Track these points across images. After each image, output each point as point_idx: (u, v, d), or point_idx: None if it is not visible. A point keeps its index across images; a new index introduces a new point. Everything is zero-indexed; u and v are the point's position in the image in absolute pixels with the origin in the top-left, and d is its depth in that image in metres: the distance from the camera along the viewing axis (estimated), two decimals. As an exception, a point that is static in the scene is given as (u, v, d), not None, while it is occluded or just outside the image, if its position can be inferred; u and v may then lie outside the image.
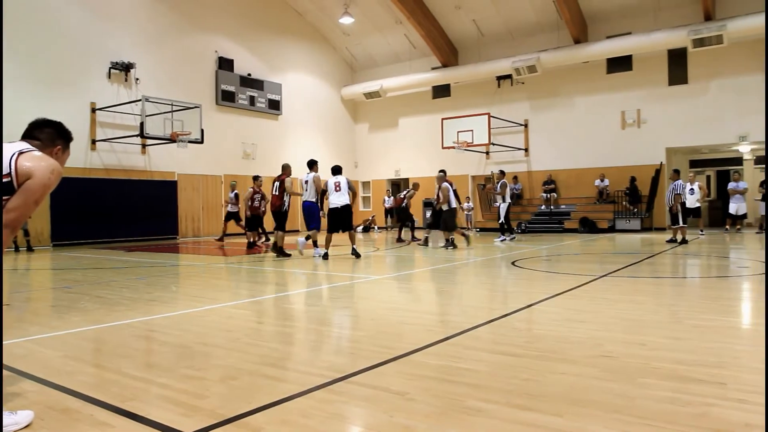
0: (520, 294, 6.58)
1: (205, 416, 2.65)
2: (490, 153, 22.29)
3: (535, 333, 4.46)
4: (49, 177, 2.55)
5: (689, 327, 4.45)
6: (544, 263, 9.62)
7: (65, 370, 3.48)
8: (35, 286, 8.01)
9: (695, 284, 7.32)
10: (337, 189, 10.76)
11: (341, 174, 11.10)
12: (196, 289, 7.40)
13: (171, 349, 4.05)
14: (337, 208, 10.73)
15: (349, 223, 10.91)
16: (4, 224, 2.44)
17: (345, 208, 10.73)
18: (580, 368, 3.33)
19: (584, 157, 20.40)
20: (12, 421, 2.53)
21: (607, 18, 19.89)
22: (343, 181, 10.86)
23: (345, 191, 10.76)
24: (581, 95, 20.57)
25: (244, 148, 21.02)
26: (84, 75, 16.45)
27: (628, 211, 18.62)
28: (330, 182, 10.90)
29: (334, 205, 10.75)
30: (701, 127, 18.20)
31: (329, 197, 10.88)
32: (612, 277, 7.51)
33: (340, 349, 4.00)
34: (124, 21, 17.50)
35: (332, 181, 10.88)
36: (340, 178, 10.89)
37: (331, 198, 10.81)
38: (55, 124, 2.89)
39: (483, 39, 22.31)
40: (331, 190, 10.83)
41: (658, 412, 2.60)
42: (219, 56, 20.25)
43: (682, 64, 18.70)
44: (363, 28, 23.48)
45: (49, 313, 5.73)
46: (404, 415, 2.63)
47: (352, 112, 26.37)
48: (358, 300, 6.33)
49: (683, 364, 3.38)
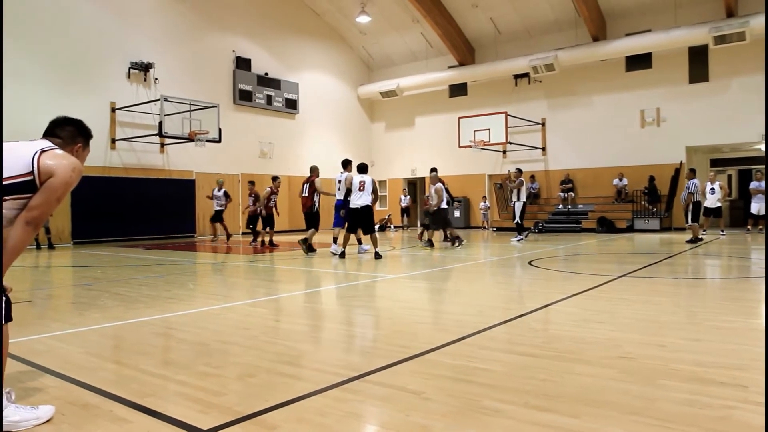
0: (536, 294, 6.54)
1: (222, 413, 2.67)
2: (507, 152, 22.18)
3: (552, 333, 4.43)
4: (71, 175, 2.58)
5: (709, 328, 4.38)
6: (561, 263, 9.55)
7: (85, 366, 3.53)
8: (56, 283, 8.13)
9: (715, 285, 7.21)
10: (361, 189, 10.60)
11: (367, 173, 10.92)
12: (214, 287, 7.46)
13: (189, 346, 4.09)
14: (357, 209, 10.59)
15: (369, 225, 10.75)
16: (26, 221, 2.48)
17: (365, 208, 10.57)
18: (597, 369, 3.30)
19: (602, 156, 20.21)
20: (33, 415, 2.57)
21: (626, 15, 19.67)
22: (368, 181, 10.68)
23: (368, 191, 10.58)
24: (599, 94, 20.37)
25: (261, 147, 21.13)
26: (104, 75, 16.66)
27: (647, 211, 18.41)
28: (355, 180, 10.72)
29: (354, 205, 10.62)
30: (722, 126, 17.94)
31: (351, 196, 10.76)
32: (630, 277, 7.43)
33: (356, 348, 4.01)
34: (143, 21, 17.69)
35: (357, 180, 10.70)
36: (365, 177, 10.71)
37: (353, 197, 10.68)
38: (76, 122, 2.92)
39: (500, 37, 22.20)
40: (355, 189, 10.65)
41: (677, 414, 2.57)
42: (236, 56, 20.38)
43: (703, 62, 18.43)
44: (380, 27, 23.48)
45: (70, 309, 5.81)
46: (420, 415, 2.62)
47: (369, 111, 26.39)
48: (374, 299, 6.34)
49: (703, 365, 3.33)
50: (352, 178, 10.90)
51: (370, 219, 10.69)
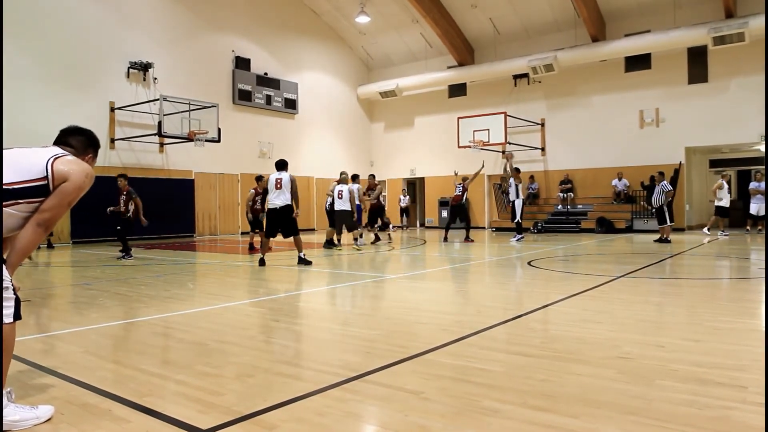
0: (535, 294, 6.54)
1: (221, 413, 2.67)
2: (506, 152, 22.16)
3: (551, 333, 4.43)
4: (84, 180, 2.69)
5: (708, 329, 4.39)
6: (560, 263, 9.56)
7: (84, 366, 3.53)
8: (56, 282, 8.13)
9: (715, 286, 7.21)
10: (278, 187, 9.51)
11: (285, 170, 9.76)
12: (213, 286, 7.46)
13: (188, 346, 4.09)
14: (276, 209, 9.51)
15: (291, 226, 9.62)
16: (37, 223, 2.57)
17: (284, 209, 9.48)
18: (596, 369, 3.30)
19: (602, 156, 20.22)
20: (33, 415, 2.58)
21: (625, 16, 19.68)
22: (285, 179, 9.54)
23: (287, 190, 9.49)
24: (599, 94, 20.38)
25: (261, 147, 21.13)
26: (103, 75, 16.65)
27: (646, 211, 18.42)
28: (271, 178, 9.67)
29: (273, 206, 9.56)
30: (722, 127, 17.95)
31: (268, 196, 9.83)
32: (629, 277, 7.44)
33: (355, 348, 4.01)
34: (142, 21, 17.68)
35: (273, 178, 9.63)
36: (282, 175, 9.58)
37: (270, 197, 9.70)
38: (87, 133, 3.03)
39: (499, 37, 22.20)
40: (272, 188, 9.61)
41: (675, 414, 2.58)
42: (236, 56, 20.37)
43: (702, 63, 18.44)
44: (379, 27, 23.48)
45: (69, 309, 5.81)
46: (419, 415, 2.63)
47: (368, 111, 26.39)
48: (373, 299, 6.34)
49: (702, 366, 3.33)
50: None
51: (291, 220, 9.55)
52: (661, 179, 14.24)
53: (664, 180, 14.27)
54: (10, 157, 2.65)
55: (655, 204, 14.31)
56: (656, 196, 14.19)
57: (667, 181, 14.40)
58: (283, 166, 9.80)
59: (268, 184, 9.76)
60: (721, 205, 16.00)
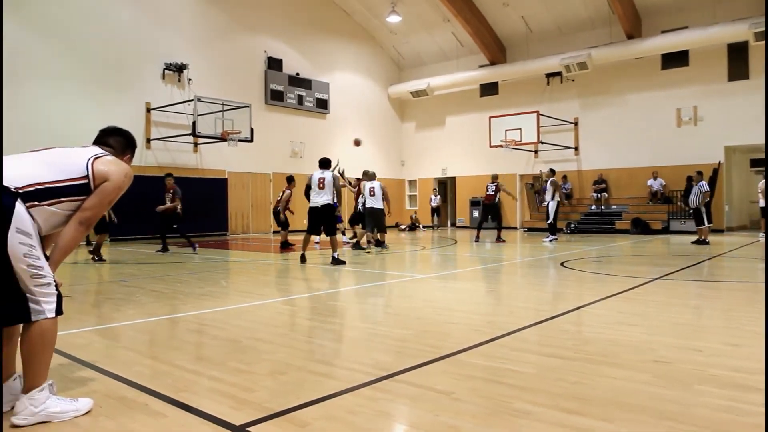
0: (568, 295, 6.45)
1: (253, 409, 2.71)
2: (538, 152, 21.93)
3: (584, 336, 4.37)
4: (123, 180, 2.79)
5: (748, 333, 4.27)
6: (594, 264, 9.40)
7: (122, 361, 3.62)
8: (94, 279, 8.35)
9: (754, 289, 7.00)
10: (321, 187, 9.62)
11: (328, 169, 9.90)
12: (246, 284, 7.56)
13: (222, 342, 4.16)
14: (317, 208, 9.65)
15: (331, 225, 9.79)
16: (79, 221, 2.67)
17: (325, 207, 9.61)
18: (631, 373, 3.24)
19: (637, 155, 19.82)
20: (73, 407, 2.66)
21: (661, 12, 19.25)
22: (328, 178, 9.66)
23: (329, 189, 9.63)
24: (634, 92, 19.97)
25: (293, 146, 21.31)
26: (139, 76, 17.03)
27: (683, 212, 17.98)
28: (314, 177, 9.77)
29: (315, 204, 9.70)
30: (763, 124, 17.39)
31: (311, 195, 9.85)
32: (666, 280, 7.28)
33: (387, 347, 4.02)
34: (176, 23, 18.02)
35: (316, 177, 9.73)
36: (326, 174, 9.71)
37: (312, 195, 9.79)
38: (125, 133, 3.13)
39: (532, 36, 21.95)
40: (315, 186, 9.70)
41: (714, 420, 2.51)
42: (268, 56, 20.59)
43: (743, 59, 17.91)
44: (410, 27, 23.45)
45: (107, 305, 5.96)
46: (450, 415, 2.62)
47: (399, 110, 26.38)
48: (405, 298, 6.34)
49: (742, 371, 3.25)
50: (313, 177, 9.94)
51: (332, 219, 9.78)
52: (699, 179, 13.90)
53: (702, 180, 13.93)
54: (51, 157, 2.75)
55: (692, 204, 13.98)
56: (693, 197, 13.86)
57: (705, 182, 14.05)
58: (327, 164, 9.87)
59: (312, 182, 9.82)
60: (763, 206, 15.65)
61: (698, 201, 13.70)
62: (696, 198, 13.75)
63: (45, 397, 2.59)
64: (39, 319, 2.57)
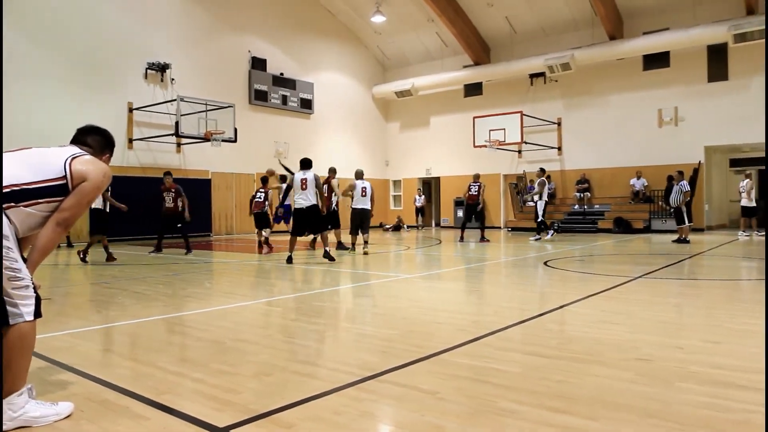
0: (552, 295, 6.49)
1: (238, 411, 2.69)
2: (522, 152, 22.05)
3: (568, 334, 4.40)
4: (102, 180, 2.74)
5: (729, 331, 4.33)
6: (577, 264, 9.48)
7: (103, 363, 3.58)
8: (75, 281, 8.24)
9: (735, 287, 7.11)
10: (304, 188, 9.70)
11: (310, 170, 9.92)
12: (230, 285, 7.51)
13: (205, 344, 4.12)
14: (302, 209, 9.75)
15: (316, 225, 9.95)
16: (57, 222, 2.62)
17: (311, 209, 9.76)
18: (614, 371, 3.27)
19: (619, 155, 20.02)
20: (53, 411, 2.62)
21: (643, 13, 19.46)
22: (310, 178, 9.75)
23: (312, 190, 9.73)
24: (616, 93, 20.18)
25: (277, 146, 21.21)
26: (122, 75, 16.84)
27: (664, 212, 18.20)
28: (297, 178, 9.84)
29: (299, 206, 9.77)
30: (742, 125, 17.66)
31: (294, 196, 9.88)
32: (648, 278, 7.36)
33: (371, 347, 4.01)
34: (160, 22, 17.84)
35: (299, 177, 9.80)
36: (308, 175, 9.79)
37: (296, 197, 9.82)
38: (103, 132, 3.08)
39: (515, 36, 22.08)
40: (297, 188, 9.78)
41: (696, 417, 2.54)
42: (252, 56, 20.48)
43: (723, 60, 18.18)
44: (395, 27, 23.47)
45: (89, 307, 5.88)
46: (435, 415, 2.62)
47: (384, 110, 26.39)
48: (390, 298, 6.34)
49: (723, 368, 3.29)
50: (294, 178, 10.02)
51: (317, 218, 9.87)
52: (680, 179, 14.10)
53: (683, 180, 14.14)
54: (28, 157, 2.69)
55: (673, 204, 14.17)
56: (674, 196, 14.05)
57: (686, 181, 14.24)
58: (308, 165, 9.86)
59: (294, 184, 9.82)
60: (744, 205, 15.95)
61: (679, 200, 13.91)
62: (677, 197, 13.96)
63: (24, 401, 2.54)
64: (17, 322, 2.52)
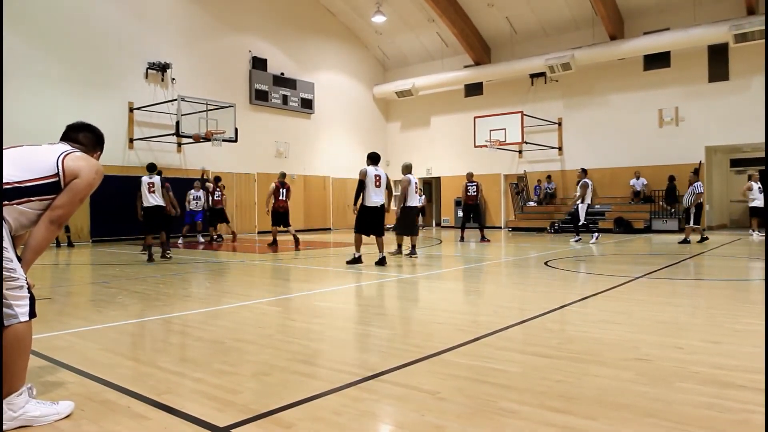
0: (553, 294, 6.49)
1: (238, 411, 2.69)
2: (522, 152, 22.06)
3: (569, 334, 4.40)
4: (94, 177, 2.73)
5: (729, 331, 4.33)
6: (577, 264, 9.48)
7: (104, 363, 3.57)
8: (75, 280, 8.24)
9: (735, 287, 7.10)
10: (377, 185, 9.37)
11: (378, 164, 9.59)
12: (230, 285, 7.51)
13: (205, 344, 4.12)
14: (376, 207, 9.46)
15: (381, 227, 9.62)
16: (50, 220, 2.60)
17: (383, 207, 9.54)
18: (614, 371, 3.27)
19: (620, 156, 20.02)
20: (54, 411, 2.61)
21: (644, 13, 19.46)
22: (383, 176, 9.51)
23: (384, 187, 9.49)
24: (617, 93, 20.17)
25: (277, 146, 21.22)
26: (122, 75, 16.84)
27: (665, 211, 18.19)
28: (370, 174, 9.45)
29: (373, 204, 9.43)
30: (743, 125, 17.66)
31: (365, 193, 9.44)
32: (648, 278, 7.36)
33: (372, 347, 4.01)
34: (160, 22, 17.85)
35: (372, 173, 9.44)
36: (380, 171, 9.47)
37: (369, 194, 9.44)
38: (94, 129, 3.07)
39: (516, 36, 22.08)
40: (371, 184, 9.35)
41: (696, 417, 2.54)
42: (253, 56, 20.49)
43: (723, 60, 18.17)
44: (395, 27, 23.47)
45: (89, 307, 5.89)
46: (435, 415, 2.62)
47: (384, 110, 26.39)
48: (390, 298, 6.34)
49: (723, 368, 3.29)
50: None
51: (383, 220, 9.58)
52: (695, 179, 13.74)
53: (698, 180, 13.77)
54: (20, 155, 2.67)
55: (685, 204, 14.00)
56: (687, 197, 13.86)
57: (701, 182, 13.97)
58: (378, 159, 9.49)
59: (367, 179, 9.29)
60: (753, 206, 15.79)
61: (690, 201, 13.71)
62: (689, 198, 13.76)
63: (24, 401, 2.54)
64: (12, 323, 2.50)
